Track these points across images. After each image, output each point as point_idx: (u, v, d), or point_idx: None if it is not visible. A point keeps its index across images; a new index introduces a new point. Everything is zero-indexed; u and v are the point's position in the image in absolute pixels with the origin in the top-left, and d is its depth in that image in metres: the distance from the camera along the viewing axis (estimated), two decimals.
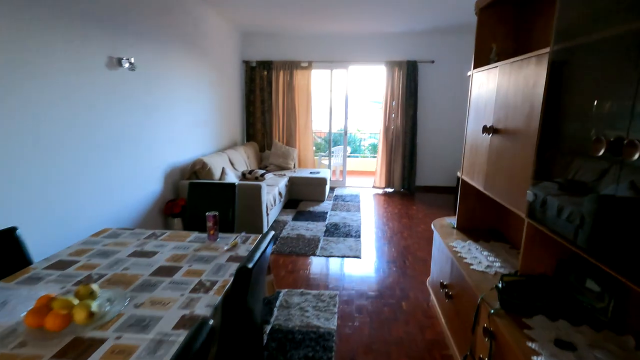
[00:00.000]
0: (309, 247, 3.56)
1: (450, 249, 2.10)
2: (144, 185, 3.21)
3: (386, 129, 5.88)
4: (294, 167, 5.77)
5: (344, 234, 3.95)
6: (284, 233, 3.93)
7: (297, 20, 4.95)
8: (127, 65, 2.83)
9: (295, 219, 4.44)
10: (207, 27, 4.46)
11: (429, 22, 5.00)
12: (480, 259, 1.95)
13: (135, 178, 3.08)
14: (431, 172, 6.08)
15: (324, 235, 3.88)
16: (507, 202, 1.65)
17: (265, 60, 5.86)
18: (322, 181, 5.18)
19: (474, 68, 2.19)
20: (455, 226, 2.46)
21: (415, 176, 5.94)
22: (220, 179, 3.94)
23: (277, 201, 4.39)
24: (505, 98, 1.69)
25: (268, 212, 3.89)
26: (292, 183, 5.20)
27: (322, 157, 7.26)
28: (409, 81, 5.65)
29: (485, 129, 1.87)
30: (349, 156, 8.58)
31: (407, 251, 3.54)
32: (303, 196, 5.26)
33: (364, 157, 9.77)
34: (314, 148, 7.42)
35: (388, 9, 4.40)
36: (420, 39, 5.64)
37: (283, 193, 4.74)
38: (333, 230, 4.04)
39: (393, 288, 2.81)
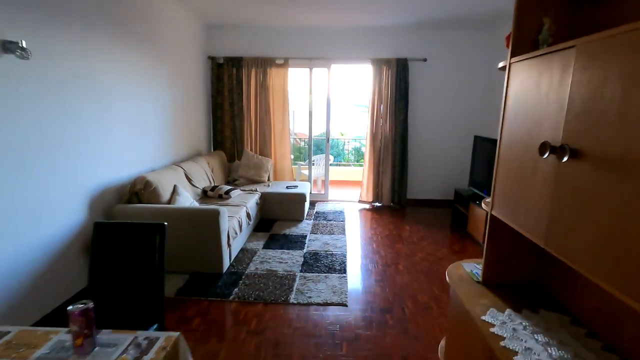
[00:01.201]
0: (282, 289, 2.79)
1: (485, 329, 1.37)
2: (55, 216, 2.37)
3: (373, 136, 5.18)
4: (268, 179, 4.98)
5: (325, 267, 3.20)
6: (252, 268, 3.14)
7: (271, 10, 4.20)
8: (17, 51, 2.00)
9: (267, 245, 3.65)
10: (160, 14, 3.65)
11: (421, 15, 4.34)
12: (537, 350, 1.24)
13: (38, 209, 2.23)
14: (424, 184, 5.41)
15: (301, 271, 3.12)
16: (613, 284, 0.93)
17: (235, 56, 5.07)
18: (301, 198, 4.42)
19: (512, 55, 1.49)
20: (481, 279, 1.75)
21: (406, 189, 5.26)
22: (170, 202, 3.12)
23: (245, 224, 3.60)
24: (597, 100, 0.99)
25: (230, 242, 3.09)
26: (266, 200, 4.42)
27: (302, 166, 6.51)
28: (399, 82, 4.98)
29: (548, 148, 1.16)
30: (331, 164, 7.87)
31: (405, 293, 2.82)
32: (278, 215, 4.48)
33: (347, 164, 9.10)
34: (292, 156, 6.67)
35: None
36: (411, 33, 4.99)
37: (253, 213, 3.95)
38: (313, 263, 3.28)
39: (392, 356, 2.08)
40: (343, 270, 3.14)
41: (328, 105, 5.30)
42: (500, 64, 1.66)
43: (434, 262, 3.36)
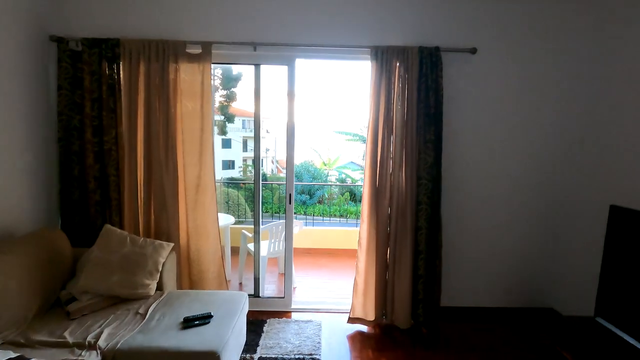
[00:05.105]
0: None
1: None
2: None
3: (376, 193, 2.69)
4: (160, 289, 2.36)
5: None
6: None
7: None
8: None
9: None
10: None
11: None
12: None
13: None
14: (475, 280, 2.93)
15: None
16: None
17: (105, 37, 2.57)
18: None
19: None
20: None
21: (439, 293, 2.73)
22: None
23: None
24: None
25: None
26: None
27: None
28: (425, 91, 2.58)
29: None
30: (308, 224, 5.37)
31: None
32: None
33: (327, 218, 6.65)
34: (234, 220, 4.10)
35: None
36: (447, 2, 2.66)
37: None
38: None
39: None
40: None
41: (290, 134, 2.83)
42: None
43: None
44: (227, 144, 20.98)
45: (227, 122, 19.13)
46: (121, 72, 2.59)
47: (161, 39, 2.58)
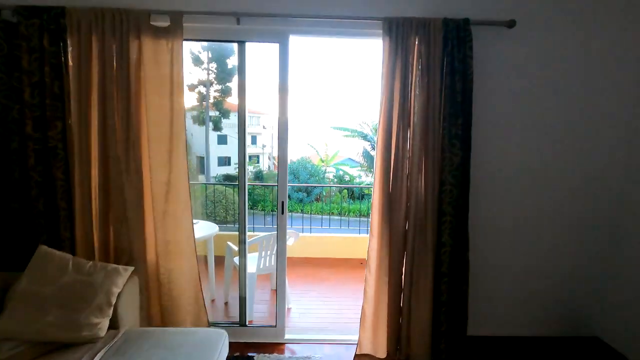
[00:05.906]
0: None
1: None
2: None
3: (389, 201, 2.18)
4: (116, 326, 1.83)
5: None
6: None
7: None
8: None
9: None
10: None
11: None
12: None
13: None
14: (507, 304, 2.43)
15: None
16: None
17: (48, 5, 2.03)
18: None
19: None
20: None
21: (466, 321, 2.24)
22: None
23: None
24: None
25: None
26: None
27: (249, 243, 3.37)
28: (450, 75, 2.06)
29: None
30: (304, 231, 4.81)
31: None
32: None
33: (316, 214, 6.17)
34: (217, 230, 3.52)
35: None
36: None
37: None
38: None
39: None
40: None
41: (283, 130, 2.31)
42: None
43: None
44: (222, 140, 20.44)
45: (222, 118, 18.56)
46: (69, 50, 2.06)
47: (118, 7, 2.04)
